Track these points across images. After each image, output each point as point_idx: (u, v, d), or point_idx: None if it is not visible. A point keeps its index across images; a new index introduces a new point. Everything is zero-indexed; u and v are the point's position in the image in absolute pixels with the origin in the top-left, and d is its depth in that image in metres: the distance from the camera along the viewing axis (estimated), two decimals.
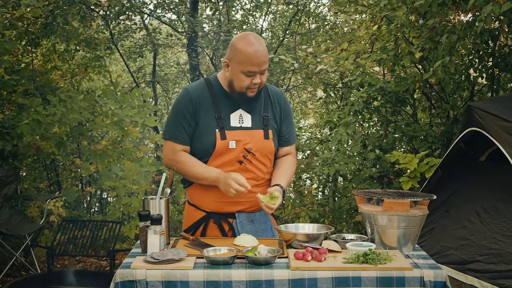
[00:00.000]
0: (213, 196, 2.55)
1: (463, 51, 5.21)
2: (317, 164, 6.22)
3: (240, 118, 2.54)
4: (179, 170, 2.58)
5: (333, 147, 6.09)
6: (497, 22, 4.98)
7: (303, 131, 8.39)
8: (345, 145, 6.25)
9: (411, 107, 6.32)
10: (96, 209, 7.66)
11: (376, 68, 7.24)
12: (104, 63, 8.24)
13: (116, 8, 7.70)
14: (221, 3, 9.04)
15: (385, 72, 6.93)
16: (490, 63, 5.29)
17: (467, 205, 3.98)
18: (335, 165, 5.64)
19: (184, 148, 2.56)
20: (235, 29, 8.74)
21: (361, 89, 5.93)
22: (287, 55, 6.87)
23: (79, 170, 6.85)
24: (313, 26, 9.54)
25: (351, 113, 5.82)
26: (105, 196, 7.78)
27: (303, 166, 6.68)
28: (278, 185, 2.55)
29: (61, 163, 6.98)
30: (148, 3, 8.75)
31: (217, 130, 2.49)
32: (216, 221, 2.56)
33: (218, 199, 2.55)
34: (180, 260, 2.10)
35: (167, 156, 2.60)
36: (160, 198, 2.40)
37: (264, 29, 9.49)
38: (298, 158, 7.37)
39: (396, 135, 5.97)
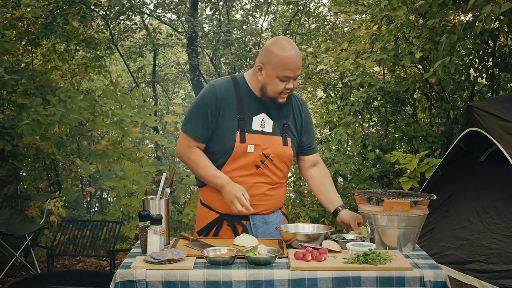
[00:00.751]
0: None
1: (463, 51, 5.21)
2: None
3: (262, 122, 2.52)
4: (189, 166, 2.58)
5: (333, 147, 6.09)
6: (497, 22, 4.98)
7: None
8: (345, 145, 6.25)
9: (411, 107, 6.32)
10: (96, 209, 7.67)
11: (376, 68, 7.24)
12: (104, 63, 8.24)
13: (116, 8, 7.70)
14: (221, 3, 9.04)
15: (385, 72, 6.93)
16: (490, 63, 5.29)
17: (467, 205, 3.98)
18: (335, 165, 5.64)
19: (199, 145, 2.53)
20: (235, 29, 8.74)
21: (361, 89, 5.93)
22: None
23: (79, 170, 6.85)
24: (313, 26, 9.54)
25: (351, 113, 5.82)
26: (105, 196, 7.78)
27: None
28: (342, 206, 2.60)
29: (61, 163, 6.98)
30: (148, 3, 8.76)
31: (237, 132, 2.47)
32: (230, 223, 2.55)
33: None
34: (180, 260, 2.10)
35: (181, 148, 2.57)
36: (160, 198, 2.40)
37: (264, 29, 9.49)
38: None
39: (396, 135, 5.97)
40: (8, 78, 5.58)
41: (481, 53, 5.16)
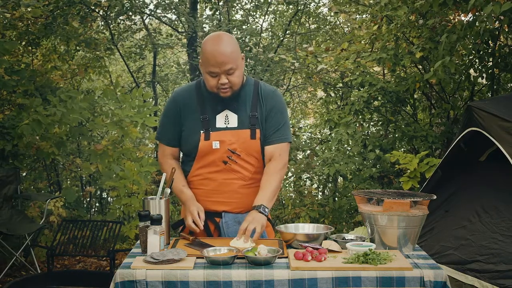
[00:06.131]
0: (199, 194, 2.57)
1: (463, 51, 5.21)
2: (317, 164, 6.22)
3: (226, 118, 2.53)
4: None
5: (333, 147, 6.09)
6: (497, 22, 4.98)
7: (303, 131, 8.39)
8: (345, 145, 6.25)
9: (411, 107, 6.33)
10: (96, 209, 7.67)
11: (376, 68, 7.24)
12: (104, 63, 8.24)
13: (116, 8, 7.70)
14: (221, 3, 9.04)
15: (385, 72, 6.93)
16: (490, 63, 5.29)
17: (467, 205, 3.98)
18: (335, 165, 5.65)
19: (172, 150, 2.63)
20: (235, 29, 8.74)
21: (362, 88, 5.93)
22: (287, 55, 6.87)
23: (79, 170, 6.84)
24: (313, 26, 9.55)
25: (352, 113, 5.82)
26: (105, 196, 7.78)
27: (303, 166, 6.69)
28: (255, 207, 2.42)
29: (61, 163, 6.98)
30: (148, 3, 8.75)
31: (202, 131, 2.51)
32: None
33: (204, 198, 2.56)
34: (180, 260, 2.10)
35: (159, 157, 2.70)
36: (160, 198, 2.40)
37: (264, 29, 9.49)
38: (298, 158, 7.36)
39: (396, 135, 5.97)
40: (8, 79, 5.58)
41: (481, 53, 5.16)
